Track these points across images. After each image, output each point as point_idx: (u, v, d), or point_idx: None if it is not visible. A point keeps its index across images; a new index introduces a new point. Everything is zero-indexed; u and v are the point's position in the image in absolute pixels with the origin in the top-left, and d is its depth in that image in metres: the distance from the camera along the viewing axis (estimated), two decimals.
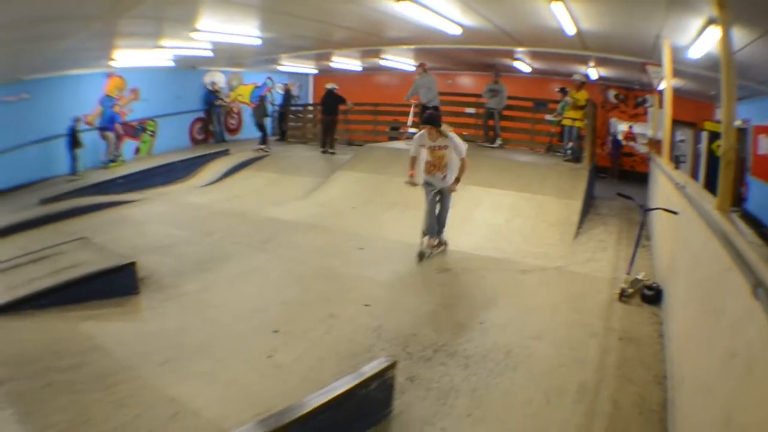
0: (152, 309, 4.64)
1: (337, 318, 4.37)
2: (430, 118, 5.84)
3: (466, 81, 15.80)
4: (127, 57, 10.81)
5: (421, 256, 5.88)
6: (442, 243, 6.22)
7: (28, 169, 10.54)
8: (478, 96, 11.34)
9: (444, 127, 5.93)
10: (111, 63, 11.22)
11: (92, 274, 4.72)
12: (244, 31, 9.26)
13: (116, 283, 4.75)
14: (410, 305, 4.65)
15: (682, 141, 8.40)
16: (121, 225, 7.61)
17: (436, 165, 5.89)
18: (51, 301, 4.51)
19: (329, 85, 12.09)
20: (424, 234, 6.02)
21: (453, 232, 6.35)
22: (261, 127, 12.96)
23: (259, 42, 9.93)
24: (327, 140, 12.22)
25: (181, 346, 3.91)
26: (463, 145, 5.81)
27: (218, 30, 8.88)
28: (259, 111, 13.12)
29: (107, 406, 3.08)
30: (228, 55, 12.07)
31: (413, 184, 5.94)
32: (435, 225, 6.06)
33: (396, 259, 5.90)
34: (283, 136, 15.07)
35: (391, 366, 3.11)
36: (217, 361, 3.70)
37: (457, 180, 5.84)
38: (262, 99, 13.90)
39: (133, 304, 4.70)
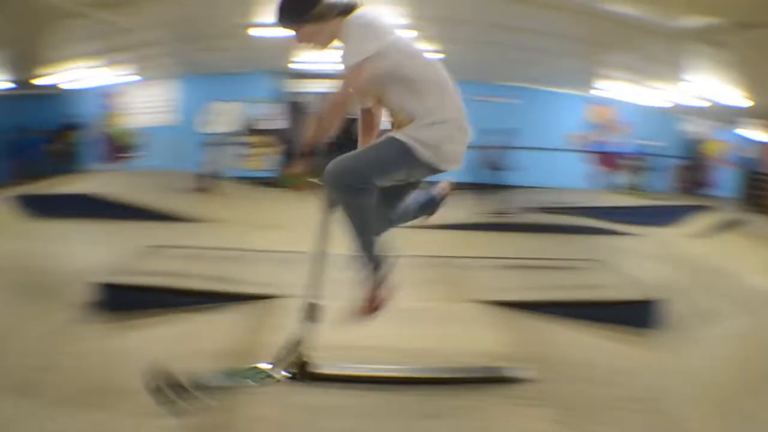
0: (672, 346, 4.63)
1: None
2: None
3: None
4: (615, 88, 11.09)
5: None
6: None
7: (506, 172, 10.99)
8: None
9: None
10: (594, 91, 11.74)
11: (623, 301, 5.00)
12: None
13: (635, 313, 4.85)
14: None
15: None
16: (616, 255, 7.78)
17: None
18: (566, 312, 4.75)
19: None
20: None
21: None
22: None
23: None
24: None
25: (707, 392, 3.84)
26: (356, 46, 2.35)
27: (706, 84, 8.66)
28: None
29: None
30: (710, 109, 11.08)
31: None
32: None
33: None
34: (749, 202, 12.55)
35: None
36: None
37: (307, 148, 2.46)
38: None
39: (651, 337, 4.77)
